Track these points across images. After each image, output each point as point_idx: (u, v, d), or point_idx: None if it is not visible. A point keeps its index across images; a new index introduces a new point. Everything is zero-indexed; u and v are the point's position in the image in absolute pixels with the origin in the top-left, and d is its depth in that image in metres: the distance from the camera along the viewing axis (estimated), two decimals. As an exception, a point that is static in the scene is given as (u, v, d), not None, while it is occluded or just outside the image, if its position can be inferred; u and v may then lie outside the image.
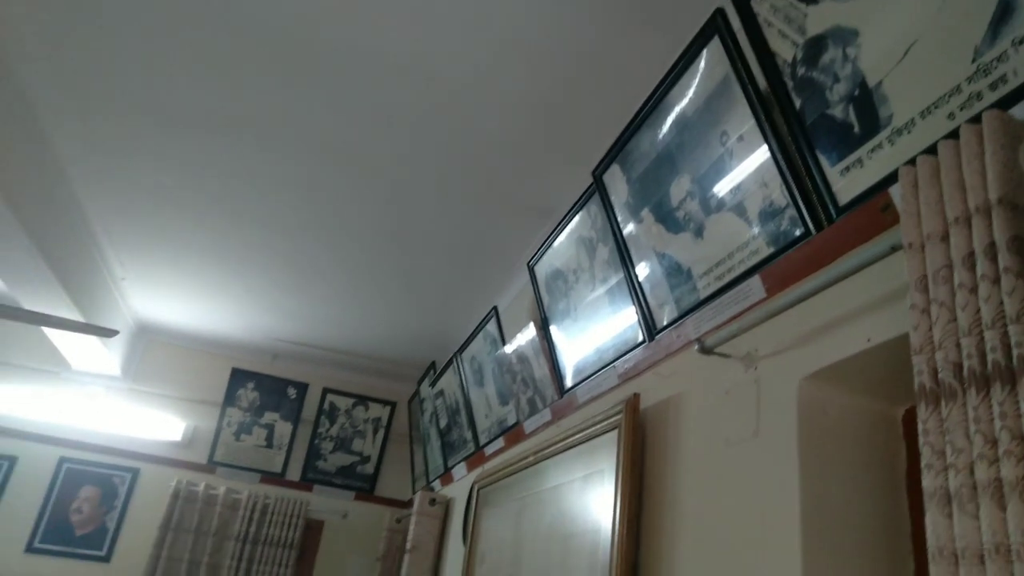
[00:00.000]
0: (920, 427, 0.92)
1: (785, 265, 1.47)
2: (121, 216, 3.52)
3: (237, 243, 3.62)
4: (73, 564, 4.58)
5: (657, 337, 1.96)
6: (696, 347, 1.61)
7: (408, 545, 4.04)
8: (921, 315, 0.95)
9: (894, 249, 1.09)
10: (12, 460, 4.67)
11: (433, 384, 4.29)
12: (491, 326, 3.29)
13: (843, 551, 1.26)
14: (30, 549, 4.54)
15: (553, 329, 2.63)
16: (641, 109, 1.92)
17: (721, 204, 1.65)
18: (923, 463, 0.91)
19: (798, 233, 1.44)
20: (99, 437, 4.87)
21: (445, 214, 3.06)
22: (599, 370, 2.29)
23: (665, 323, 1.91)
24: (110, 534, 4.69)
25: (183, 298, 4.48)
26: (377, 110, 2.42)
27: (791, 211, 1.45)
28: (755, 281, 1.54)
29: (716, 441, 1.58)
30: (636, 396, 1.91)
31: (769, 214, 1.51)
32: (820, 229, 1.39)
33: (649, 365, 1.99)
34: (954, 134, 0.98)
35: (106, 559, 4.64)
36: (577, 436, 2.17)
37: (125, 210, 3.46)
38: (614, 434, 1.92)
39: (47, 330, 4.26)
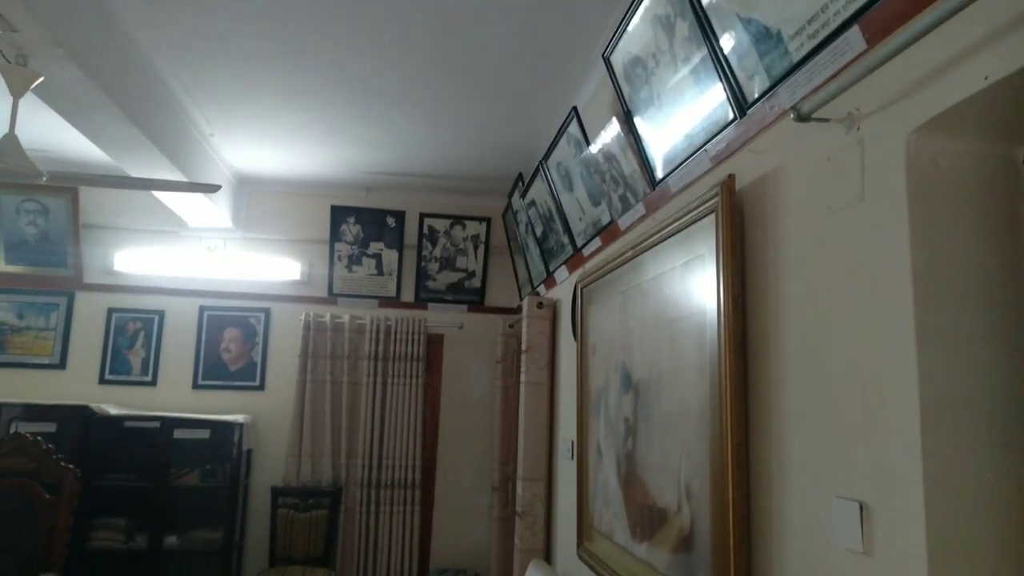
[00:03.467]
0: (1043, 164, 0.86)
1: (887, 9, 1.33)
2: (194, 72, 3.56)
3: (310, 81, 3.61)
4: (234, 394, 5.21)
5: (748, 112, 1.86)
6: (792, 116, 1.52)
7: (523, 346, 4.31)
8: (1048, 39, 0.86)
9: (1018, -33, 0.96)
10: (161, 313, 5.22)
11: (524, 195, 4.33)
12: (573, 128, 3.21)
13: (958, 300, 1.25)
14: (196, 386, 5.19)
15: (637, 121, 2.54)
16: None
17: (811, -50, 1.48)
18: (1045, 201, 0.86)
19: (903, -32, 1.28)
20: (228, 284, 5.31)
21: (511, 13, 2.90)
22: (690, 156, 2.22)
23: (756, 95, 1.81)
24: (259, 366, 5.27)
25: (271, 144, 4.59)
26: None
27: (894, -57, 1.28)
28: (853, 33, 1.41)
29: (818, 210, 1.55)
30: (731, 177, 1.86)
31: (868, -49, 1.34)
32: (928, -42, 1.23)
33: (742, 143, 1.92)
34: None
35: (260, 388, 5.25)
36: (673, 225, 2.17)
37: (196, 65, 3.48)
38: (711, 218, 1.91)
39: (158, 194, 4.53)
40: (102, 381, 5.10)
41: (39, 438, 3.95)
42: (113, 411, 4.71)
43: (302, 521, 4.87)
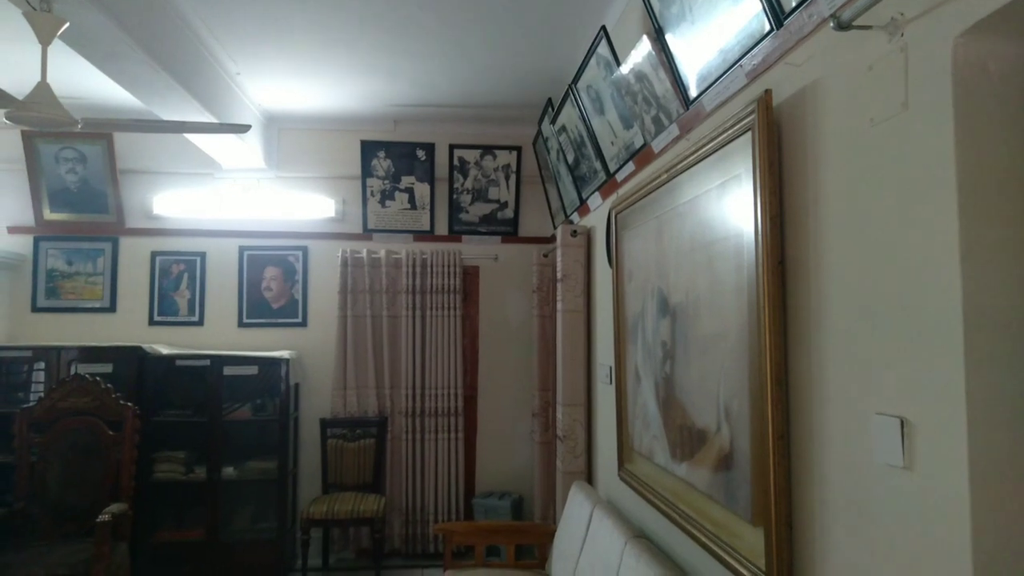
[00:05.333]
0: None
1: (937, -99, 1.24)
2: (216, 10, 3.52)
3: (332, 14, 3.54)
4: (279, 331, 5.36)
5: (785, 23, 1.78)
6: (831, 24, 1.46)
7: (559, 275, 4.32)
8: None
9: None
10: (202, 255, 5.33)
11: (553, 121, 4.25)
12: (602, 48, 3.12)
13: (1005, 212, 1.21)
14: (242, 324, 5.34)
15: (669, 38, 2.46)
16: None
17: None
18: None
19: None
20: (265, 224, 5.38)
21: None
22: (724, 72, 2.15)
23: (794, 4, 1.73)
24: (300, 304, 5.39)
25: (297, 80, 4.56)
26: None
27: None
28: (899, -70, 1.33)
29: (859, 123, 1.50)
30: (768, 92, 1.80)
31: None
32: None
33: (779, 56, 1.84)
34: None
35: (303, 324, 5.38)
36: (709, 146, 2.12)
37: (218, 2, 3.44)
38: (747, 137, 1.86)
39: (190, 136, 4.56)
40: (152, 322, 5.27)
41: (98, 378, 4.14)
42: (165, 351, 4.89)
43: (351, 450, 5.06)
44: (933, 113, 1.27)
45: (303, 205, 5.40)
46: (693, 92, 2.40)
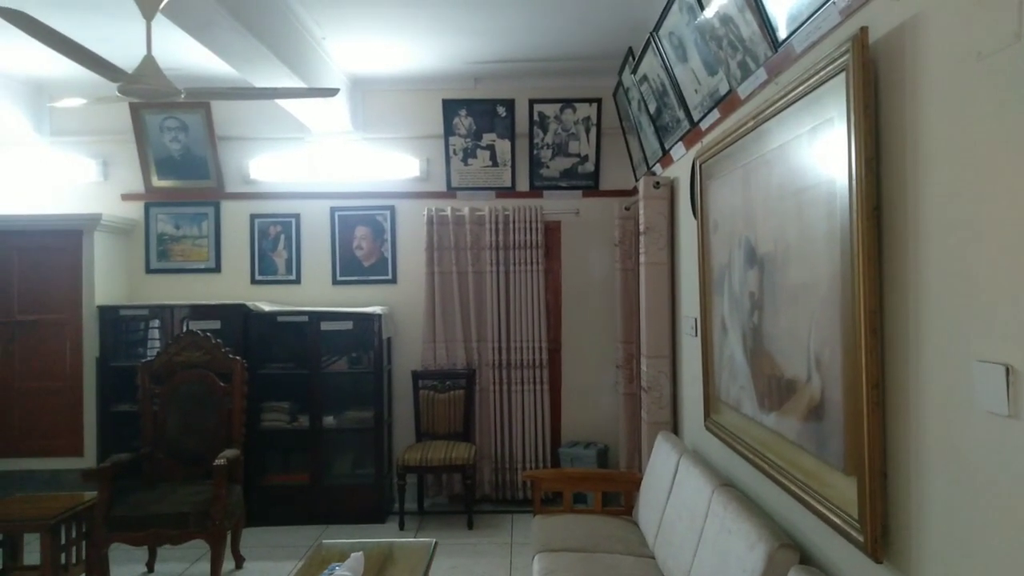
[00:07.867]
0: None
1: None
2: (302, -24, 3.61)
3: (412, -27, 3.57)
4: (370, 288, 5.57)
5: (884, -46, 1.70)
6: (934, -46, 1.38)
7: (642, 228, 4.29)
8: None
9: None
10: (297, 216, 5.57)
11: (634, 71, 4.17)
12: (686, -8, 3.03)
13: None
14: (336, 282, 5.58)
15: (757, -23, 2.37)
16: None
17: None
18: None
19: None
20: (354, 185, 5.56)
21: None
22: (816, 11, 2.07)
23: (893, -66, 1.64)
24: (389, 261, 5.57)
25: (379, 43, 4.63)
26: None
27: None
28: None
29: (964, 58, 1.42)
30: (863, 30, 1.73)
31: None
32: None
33: (876, -10, 1.76)
34: None
35: (393, 281, 5.57)
36: (799, 89, 2.06)
37: (304, -31, 3.53)
38: (841, 78, 1.80)
39: (282, 103, 4.73)
40: (253, 281, 5.58)
41: (208, 334, 4.44)
42: (267, 308, 5.17)
43: (442, 401, 5.25)
44: (1046, 44, 1.20)
45: (389, 166, 5.53)
46: (782, 33, 2.32)
